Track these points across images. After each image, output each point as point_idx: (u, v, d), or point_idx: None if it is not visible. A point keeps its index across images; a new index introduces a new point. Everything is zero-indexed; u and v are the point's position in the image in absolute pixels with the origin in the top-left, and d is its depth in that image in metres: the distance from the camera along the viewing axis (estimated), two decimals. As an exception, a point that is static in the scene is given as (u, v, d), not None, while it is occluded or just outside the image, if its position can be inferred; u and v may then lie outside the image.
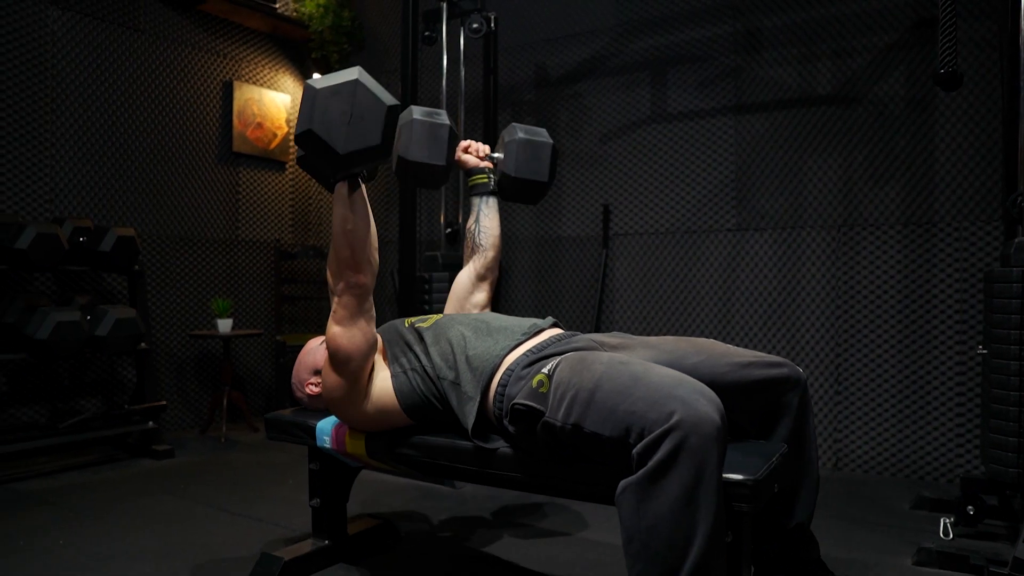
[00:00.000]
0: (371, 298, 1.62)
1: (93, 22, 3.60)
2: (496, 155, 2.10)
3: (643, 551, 1.21)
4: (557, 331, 1.72)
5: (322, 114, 1.40)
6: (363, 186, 1.56)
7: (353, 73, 1.46)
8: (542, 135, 2.08)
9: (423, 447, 1.69)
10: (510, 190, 2.09)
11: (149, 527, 2.35)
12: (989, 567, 1.87)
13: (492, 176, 2.08)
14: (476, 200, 2.08)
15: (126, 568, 2.01)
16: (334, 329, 1.60)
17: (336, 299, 1.60)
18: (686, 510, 1.18)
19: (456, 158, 2.08)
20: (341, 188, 1.54)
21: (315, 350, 1.90)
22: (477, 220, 2.06)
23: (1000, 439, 1.98)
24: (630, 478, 1.23)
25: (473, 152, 2.09)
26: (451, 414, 1.63)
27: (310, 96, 1.41)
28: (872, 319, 3.07)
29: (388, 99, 1.46)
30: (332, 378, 1.66)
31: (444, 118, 1.99)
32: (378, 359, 1.70)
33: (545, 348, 1.59)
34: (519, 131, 2.06)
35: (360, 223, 1.55)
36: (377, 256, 1.62)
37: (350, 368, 1.62)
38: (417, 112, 1.94)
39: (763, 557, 1.66)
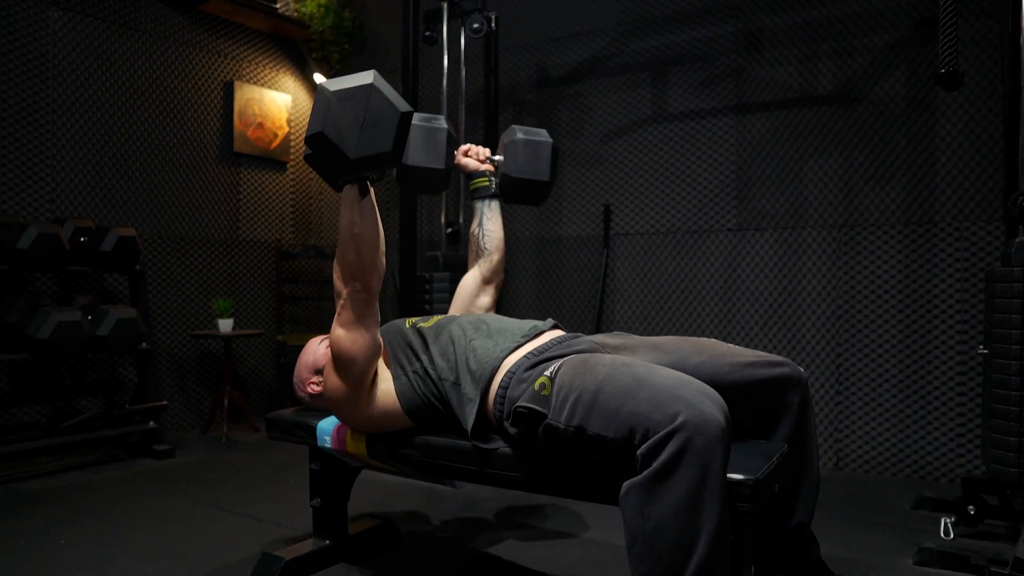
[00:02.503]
0: (376, 302, 1.61)
1: (94, 22, 3.60)
2: (496, 158, 2.10)
3: (647, 552, 1.21)
4: (558, 333, 1.72)
5: (335, 117, 1.38)
6: (372, 190, 1.55)
7: (368, 77, 1.43)
8: (541, 135, 2.08)
9: (424, 447, 1.69)
10: (512, 191, 2.09)
11: (150, 527, 2.35)
12: (990, 567, 1.87)
13: (493, 179, 2.08)
14: (478, 203, 2.08)
15: (127, 568, 2.02)
16: (338, 332, 1.59)
17: (341, 302, 1.59)
18: (691, 511, 1.18)
19: (456, 162, 2.08)
20: (349, 191, 1.52)
21: (316, 349, 1.90)
22: (480, 224, 2.06)
23: (1001, 439, 1.98)
24: (634, 479, 1.23)
25: (473, 155, 2.09)
26: (452, 415, 1.63)
27: (323, 98, 1.39)
28: (873, 319, 3.06)
29: (402, 105, 1.44)
30: (335, 380, 1.65)
31: (442, 122, 1.99)
32: (380, 362, 1.70)
33: (546, 350, 1.58)
34: (518, 132, 2.06)
35: (368, 227, 1.53)
36: (384, 260, 1.60)
37: (353, 371, 1.61)
38: (415, 118, 1.94)
39: (764, 557, 1.66)
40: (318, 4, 4.42)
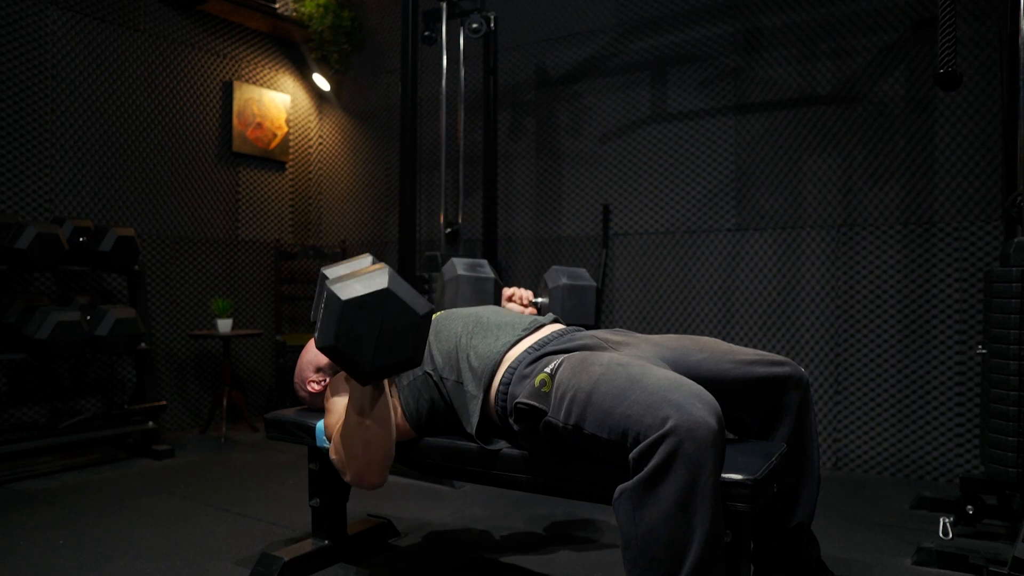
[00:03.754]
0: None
1: (93, 22, 3.60)
2: (540, 300, 2.10)
3: (640, 556, 1.21)
4: (558, 326, 1.72)
5: (348, 328, 1.27)
6: (386, 388, 1.48)
7: (383, 280, 1.29)
8: (584, 278, 2.10)
9: (424, 447, 1.69)
10: None
11: (149, 527, 2.35)
12: (988, 567, 1.87)
13: None
14: None
15: (126, 568, 2.02)
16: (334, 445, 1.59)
17: (339, 470, 1.55)
18: (682, 516, 1.17)
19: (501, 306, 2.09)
20: (361, 389, 1.45)
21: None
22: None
23: (999, 439, 1.98)
24: (626, 484, 1.23)
25: (517, 300, 2.09)
26: (454, 416, 1.63)
27: (334, 307, 1.27)
28: (872, 319, 3.07)
29: (421, 307, 1.33)
30: (331, 420, 1.66)
31: (487, 270, 1.99)
32: None
33: (547, 344, 1.58)
34: (563, 276, 2.07)
35: (379, 427, 1.47)
36: (392, 456, 1.53)
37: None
38: (460, 267, 1.95)
39: (763, 556, 1.66)
40: (317, 4, 4.42)
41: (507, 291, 2.11)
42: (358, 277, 1.31)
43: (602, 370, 1.36)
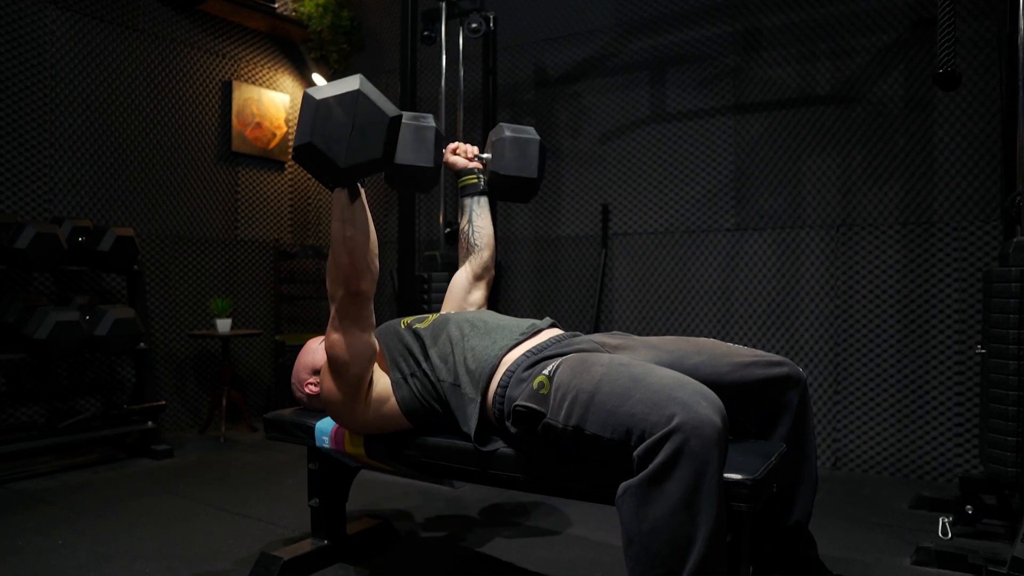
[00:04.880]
0: (371, 306, 1.60)
1: (92, 22, 3.59)
2: (485, 155, 2.10)
3: (643, 554, 1.21)
4: (556, 331, 1.72)
5: (323, 125, 1.35)
6: (363, 193, 1.54)
7: (354, 83, 1.39)
8: (529, 132, 2.09)
9: (423, 447, 1.69)
10: (501, 189, 2.09)
11: (148, 527, 2.35)
12: (987, 566, 1.87)
13: (482, 176, 2.08)
14: (467, 201, 2.08)
15: (125, 568, 2.01)
16: (332, 336, 1.59)
17: (335, 306, 1.58)
18: (686, 513, 1.18)
19: (444, 160, 2.09)
20: (340, 195, 1.50)
21: (315, 349, 1.90)
22: (470, 220, 2.07)
23: (999, 439, 1.98)
24: (630, 481, 1.23)
25: (461, 153, 2.10)
26: (451, 417, 1.63)
27: (310, 106, 1.36)
28: (871, 319, 3.07)
29: (391, 110, 1.41)
30: (330, 384, 1.65)
31: (430, 120, 1.99)
32: (377, 366, 1.69)
33: (545, 349, 1.58)
34: (506, 130, 2.06)
35: (359, 231, 1.52)
36: (377, 263, 1.60)
37: (349, 376, 1.61)
38: (404, 116, 1.94)
39: (761, 556, 1.66)
40: (316, 4, 4.42)
41: (452, 145, 2.11)
42: (333, 83, 1.40)
43: (604, 370, 1.36)
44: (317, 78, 4.65)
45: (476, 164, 2.09)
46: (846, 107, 3.12)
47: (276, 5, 4.33)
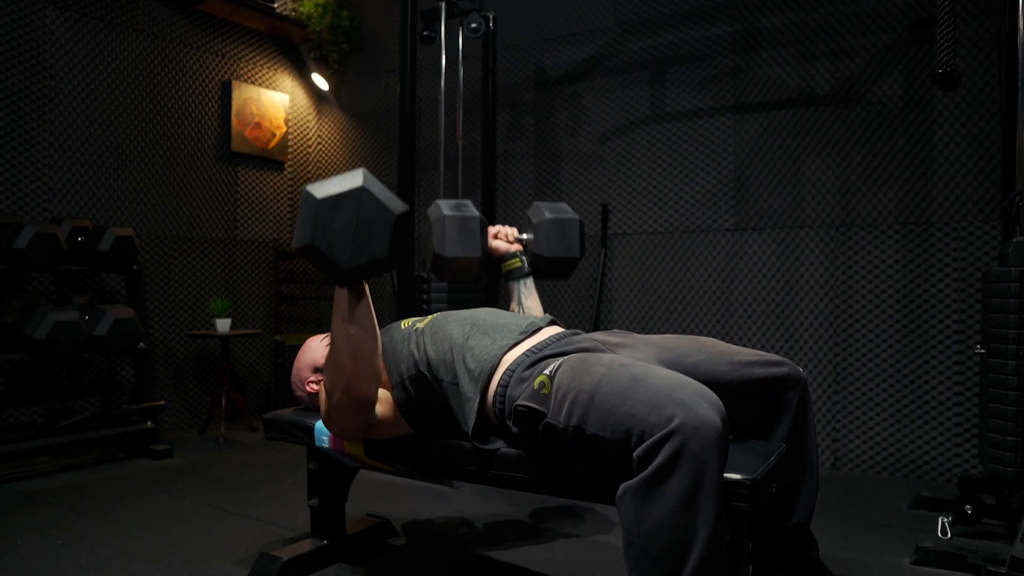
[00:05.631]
0: (374, 410, 1.54)
1: (91, 22, 3.59)
2: (525, 236, 2.12)
3: (643, 555, 1.21)
4: (556, 329, 1.71)
5: (324, 226, 1.28)
6: (368, 292, 1.45)
7: (357, 179, 1.32)
8: (567, 211, 2.12)
9: (423, 447, 1.69)
10: (544, 269, 2.13)
11: (148, 527, 2.35)
12: (987, 566, 1.87)
13: (524, 258, 2.11)
14: (513, 284, 2.10)
15: (125, 568, 2.01)
16: (329, 416, 1.55)
17: (331, 403, 1.51)
18: (686, 515, 1.17)
19: (487, 245, 2.10)
20: (341, 293, 1.41)
21: (316, 348, 1.90)
22: (520, 303, 2.08)
23: (998, 438, 1.98)
24: (630, 482, 1.23)
25: (503, 237, 2.11)
26: (451, 416, 1.63)
27: (310, 205, 1.28)
28: (870, 319, 3.07)
29: (397, 207, 1.34)
30: (330, 426, 1.63)
31: (472, 210, 2.01)
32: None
33: (545, 347, 1.58)
34: (545, 211, 2.09)
35: (365, 331, 1.43)
36: (381, 364, 1.51)
37: (349, 433, 1.62)
38: (446, 207, 1.96)
39: (762, 556, 1.66)
40: (316, 4, 4.42)
41: (492, 229, 2.12)
42: (334, 179, 1.33)
43: (604, 370, 1.36)
44: (317, 78, 4.66)
45: (517, 247, 2.12)
46: (846, 107, 3.12)
47: (276, 5, 4.33)
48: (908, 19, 3.00)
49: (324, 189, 1.31)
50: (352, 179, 1.33)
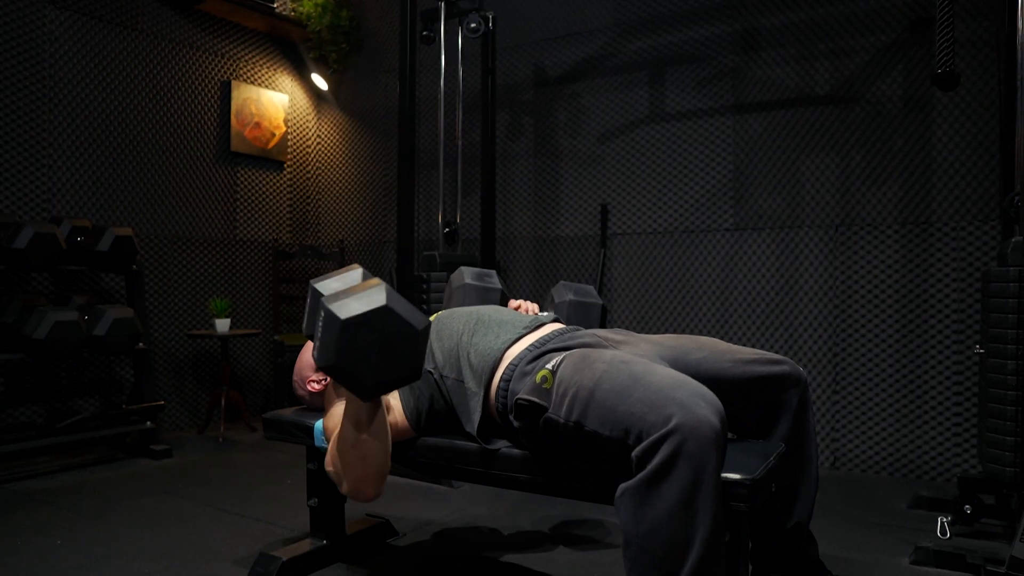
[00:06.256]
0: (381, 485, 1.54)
1: (91, 22, 3.59)
2: (545, 315, 2.11)
3: (641, 555, 1.21)
4: (558, 325, 1.72)
5: (348, 346, 1.26)
6: (383, 402, 1.46)
7: (380, 297, 1.29)
8: (591, 295, 2.11)
9: (423, 447, 1.69)
10: None
11: (147, 527, 2.35)
12: (986, 566, 1.88)
13: None
14: None
15: (124, 568, 2.01)
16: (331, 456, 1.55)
17: (336, 483, 1.51)
18: (684, 515, 1.18)
19: None
20: (355, 402, 1.42)
21: (318, 348, 1.90)
22: None
23: (997, 438, 1.98)
24: (628, 482, 1.23)
25: (523, 311, 2.09)
26: (453, 415, 1.63)
27: (334, 327, 1.25)
28: (870, 318, 3.07)
29: (419, 322, 1.32)
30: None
31: (495, 281, 2.01)
32: None
33: (548, 342, 1.59)
34: (568, 292, 2.08)
35: (376, 442, 1.44)
36: (387, 470, 1.50)
37: None
38: (468, 276, 1.96)
39: (761, 556, 1.66)
40: (315, 3, 4.42)
41: (513, 303, 2.11)
42: (355, 295, 1.30)
43: (605, 367, 1.36)
44: (316, 78, 4.66)
45: None
46: (845, 107, 3.13)
47: (275, 5, 4.33)
48: (907, 19, 3.00)
49: (347, 308, 1.27)
50: (375, 296, 1.29)
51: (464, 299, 1.97)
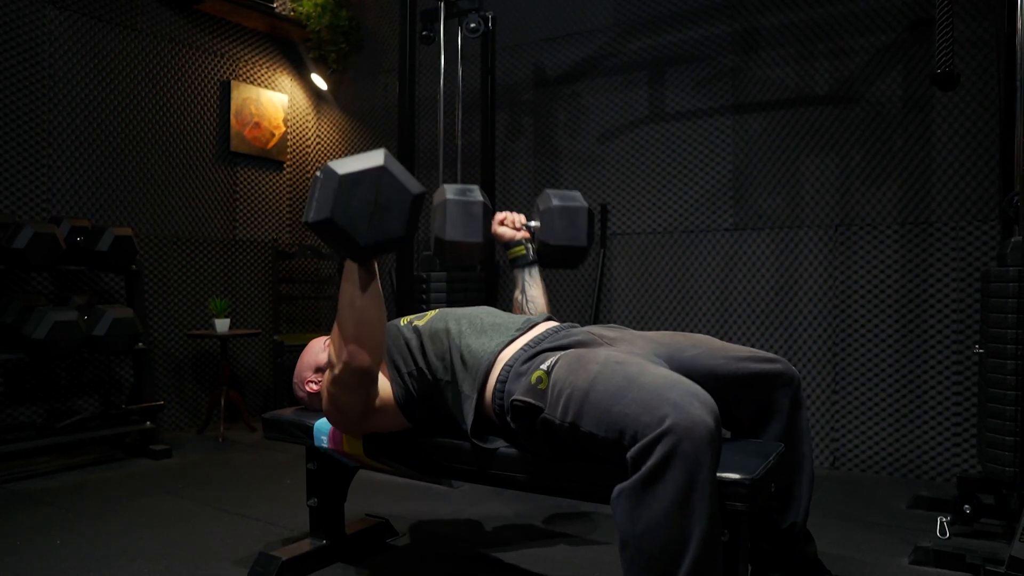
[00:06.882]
0: (376, 385, 1.56)
1: (90, 22, 3.59)
2: (532, 224, 2.10)
3: (638, 556, 1.21)
4: (552, 324, 1.72)
5: (344, 202, 1.30)
6: (377, 270, 1.47)
7: (378, 158, 1.35)
8: (576, 199, 2.09)
9: (422, 447, 1.69)
10: (550, 258, 2.09)
11: (147, 527, 2.35)
12: (985, 566, 1.88)
13: (530, 246, 2.08)
14: (518, 272, 2.07)
15: (124, 568, 2.01)
16: (330, 394, 1.55)
17: (333, 377, 1.52)
18: (680, 515, 1.18)
19: (492, 231, 2.08)
20: (352, 268, 1.44)
21: (318, 349, 1.90)
22: (523, 291, 2.06)
23: (996, 438, 1.98)
24: (624, 483, 1.23)
25: (509, 223, 2.09)
26: (448, 414, 1.63)
27: (331, 181, 1.30)
28: (869, 318, 3.07)
29: (414, 187, 1.37)
30: (331, 409, 1.63)
31: (477, 194, 1.99)
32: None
33: (542, 341, 1.59)
34: (553, 198, 2.06)
35: (370, 307, 1.45)
36: (383, 340, 1.53)
37: (351, 413, 1.61)
38: (450, 192, 1.95)
39: (760, 555, 1.66)
40: (315, 3, 4.42)
41: (499, 215, 2.10)
42: (355, 156, 1.35)
43: (599, 368, 1.36)
44: (316, 78, 4.65)
45: (524, 234, 2.09)
46: (845, 107, 3.13)
47: (275, 5, 4.33)
48: (907, 19, 3.00)
49: (346, 166, 1.33)
50: (373, 158, 1.35)
51: (447, 216, 1.94)
